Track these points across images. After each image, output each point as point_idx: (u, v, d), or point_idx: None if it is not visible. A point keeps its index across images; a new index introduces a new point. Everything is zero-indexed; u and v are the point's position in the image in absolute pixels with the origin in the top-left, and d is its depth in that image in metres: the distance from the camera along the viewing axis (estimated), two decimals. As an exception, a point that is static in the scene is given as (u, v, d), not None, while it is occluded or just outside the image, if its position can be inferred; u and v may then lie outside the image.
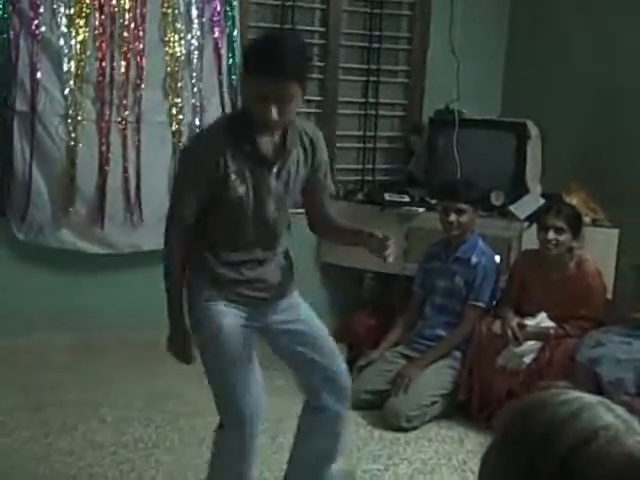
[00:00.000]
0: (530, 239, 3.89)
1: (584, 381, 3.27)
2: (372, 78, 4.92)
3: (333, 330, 4.82)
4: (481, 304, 3.77)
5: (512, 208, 4.31)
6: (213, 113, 4.43)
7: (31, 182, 4.13)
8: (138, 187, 4.33)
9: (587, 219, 3.96)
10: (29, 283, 4.29)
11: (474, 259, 3.79)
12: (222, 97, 4.46)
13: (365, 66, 4.91)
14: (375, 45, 4.88)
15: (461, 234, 3.80)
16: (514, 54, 5.04)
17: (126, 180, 4.31)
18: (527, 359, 3.51)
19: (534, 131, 4.50)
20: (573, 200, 4.06)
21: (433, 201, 4.52)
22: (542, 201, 4.25)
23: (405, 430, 3.56)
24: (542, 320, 3.58)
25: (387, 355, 3.99)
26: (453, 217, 3.75)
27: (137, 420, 3.54)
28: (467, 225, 3.78)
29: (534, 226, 3.86)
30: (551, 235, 3.58)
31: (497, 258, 3.93)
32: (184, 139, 4.38)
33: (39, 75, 4.04)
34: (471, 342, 3.71)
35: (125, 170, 4.30)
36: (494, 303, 3.87)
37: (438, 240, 3.91)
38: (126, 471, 3.10)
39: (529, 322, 3.56)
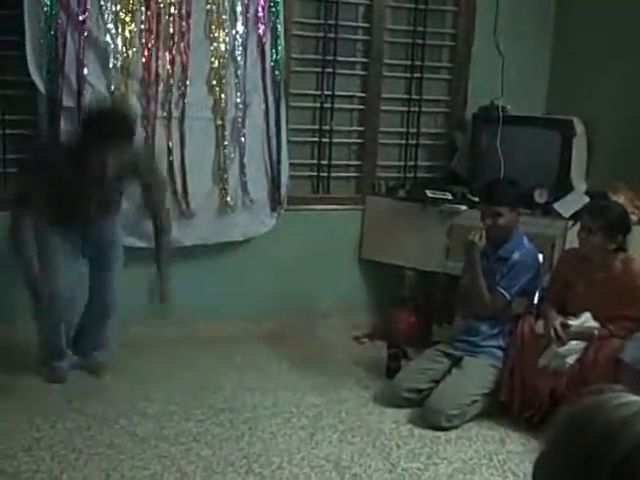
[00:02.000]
0: (574, 237, 3.83)
1: (630, 382, 3.21)
2: (416, 74, 4.90)
3: (373, 327, 4.86)
4: (506, 293, 3.74)
5: (556, 206, 4.26)
6: (256, 108, 4.46)
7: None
8: (184, 182, 4.36)
9: (634, 217, 3.88)
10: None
11: (515, 256, 3.76)
12: (265, 93, 4.47)
13: (409, 62, 4.88)
14: (419, 41, 4.85)
15: (501, 234, 3.77)
16: (560, 50, 4.96)
17: (171, 175, 4.34)
18: (570, 359, 3.45)
19: (580, 128, 4.44)
20: (620, 199, 3.99)
21: (475, 199, 4.49)
22: (587, 199, 4.19)
23: (445, 429, 3.54)
24: (586, 320, 3.52)
25: (428, 353, 3.97)
26: (488, 220, 3.73)
27: (177, 414, 3.57)
28: (505, 226, 3.74)
29: (578, 224, 3.81)
30: (582, 235, 3.55)
31: (540, 256, 3.88)
32: (227, 134, 4.41)
33: (85, 71, 4.08)
34: (513, 341, 3.67)
35: (170, 165, 4.33)
36: (534, 301, 3.83)
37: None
38: (167, 465, 3.13)
39: (573, 322, 3.50)
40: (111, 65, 4.12)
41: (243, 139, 4.47)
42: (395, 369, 4.09)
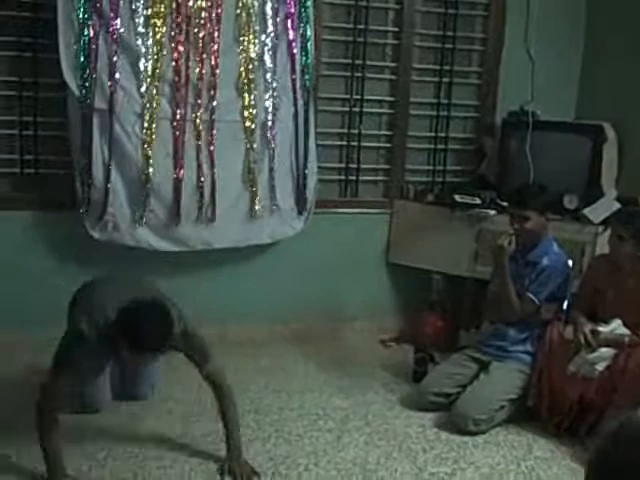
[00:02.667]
0: (604, 244, 3.81)
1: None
2: (445, 79, 4.89)
3: (400, 330, 4.85)
4: (535, 299, 3.71)
5: (586, 212, 4.24)
6: (285, 112, 4.48)
7: (109, 180, 4.21)
8: (212, 185, 4.39)
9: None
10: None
11: (544, 262, 3.73)
12: (294, 96, 4.49)
13: (438, 67, 4.88)
14: (449, 46, 4.85)
15: (530, 239, 3.75)
16: (591, 54, 4.94)
17: (200, 178, 4.37)
18: (600, 367, 3.42)
19: (610, 134, 4.42)
20: (650, 205, 3.96)
21: (504, 203, 4.47)
22: (617, 205, 4.16)
23: (473, 434, 3.53)
24: (617, 327, 3.49)
25: (455, 357, 3.96)
26: (516, 225, 3.72)
27: (204, 415, 3.58)
28: (534, 231, 3.72)
29: (609, 230, 3.78)
30: (613, 241, 3.53)
31: (570, 262, 3.86)
32: (257, 137, 4.43)
33: (117, 74, 4.12)
34: (542, 347, 3.65)
35: (199, 168, 4.36)
36: (564, 307, 3.80)
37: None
38: (193, 465, 3.15)
39: (603, 329, 3.47)
40: (142, 68, 4.16)
41: (272, 143, 4.49)
42: (422, 373, 4.09)
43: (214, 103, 4.31)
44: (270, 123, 4.46)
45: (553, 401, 3.57)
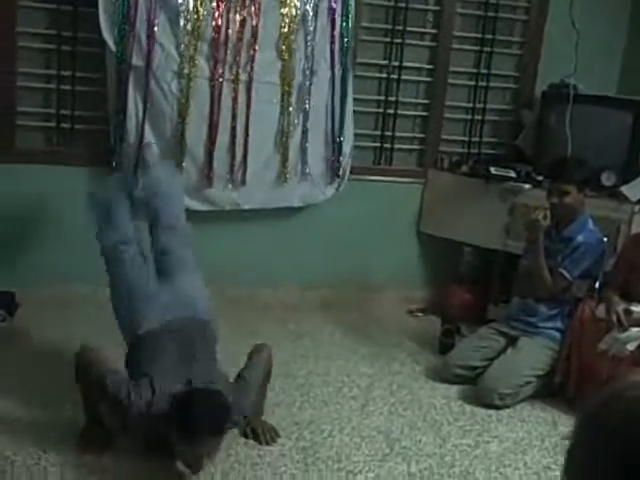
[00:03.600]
0: (641, 222, 3.76)
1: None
2: (486, 48, 4.81)
3: (427, 301, 4.84)
4: (567, 275, 3.67)
5: (623, 189, 4.18)
6: (323, 76, 4.44)
7: (143, 137, 4.20)
8: (245, 147, 4.37)
9: None
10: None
11: (579, 239, 3.68)
12: (332, 60, 4.44)
13: (479, 35, 4.79)
14: (491, 14, 4.76)
15: (567, 215, 3.70)
16: (636, 29, 4.83)
17: (233, 139, 4.35)
18: (631, 346, 3.39)
19: (653, 110, 4.32)
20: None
21: (540, 177, 4.42)
22: (657, 183, 4.10)
23: (497, 408, 3.52)
24: (650, 307, 3.46)
25: (483, 331, 3.94)
26: (555, 198, 3.66)
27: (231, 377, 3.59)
28: (571, 206, 3.67)
29: (646, 209, 3.73)
30: None
31: (604, 240, 3.81)
32: (293, 100, 4.40)
33: (156, 31, 4.10)
34: (572, 324, 3.62)
35: (233, 129, 4.34)
36: (596, 285, 3.76)
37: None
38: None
39: (636, 308, 3.44)
40: (181, 26, 4.13)
41: (307, 106, 4.45)
42: (448, 345, 4.08)
43: (253, 63, 4.27)
44: (307, 86, 4.42)
45: (581, 379, 3.55)
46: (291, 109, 4.42)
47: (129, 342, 3.08)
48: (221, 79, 4.25)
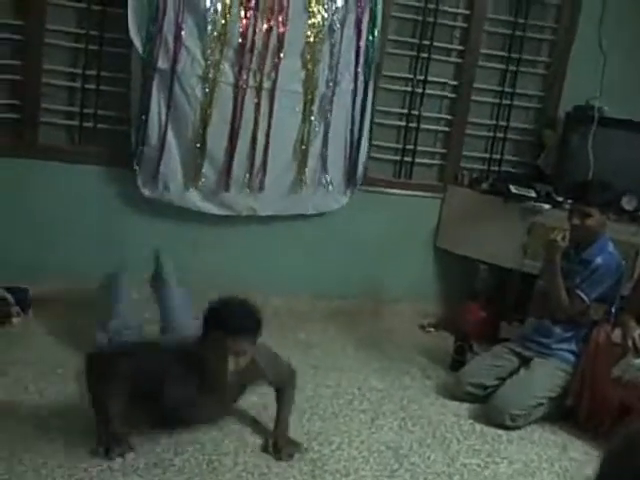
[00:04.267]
0: (660, 248, 3.73)
1: None
2: (511, 67, 4.80)
3: (441, 317, 4.82)
4: (585, 297, 3.64)
5: (644, 214, 4.15)
6: (345, 87, 4.44)
7: (165, 140, 4.21)
8: (265, 153, 4.37)
9: None
10: (147, 236, 4.40)
11: (598, 261, 3.65)
12: (356, 72, 4.44)
13: (505, 54, 4.78)
14: (519, 33, 4.75)
15: (588, 237, 3.67)
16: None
17: (254, 145, 4.35)
18: (645, 373, 3.36)
19: (677, 136, 4.30)
20: None
21: (560, 198, 4.40)
22: (678, 210, 4.07)
23: (508, 428, 3.49)
24: (667, 334, 3.42)
25: (496, 350, 3.91)
26: (577, 220, 3.63)
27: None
28: (593, 228, 3.64)
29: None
30: None
31: (622, 263, 3.77)
32: (315, 110, 4.40)
33: (183, 35, 4.11)
34: (587, 348, 3.59)
35: (254, 136, 4.34)
36: (613, 309, 3.73)
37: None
38: (227, 433, 3.15)
39: (652, 334, 3.41)
40: (208, 31, 4.14)
41: (329, 116, 4.45)
42: (460, 362, 4.05)
43: (277, 71, 4.27)
44: (329, 97, 4.42)
45: (593, 403, 3.51)
46: (312, 118, 4.42)
47: None
48: (245, 86, 4.26)
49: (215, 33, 4.15)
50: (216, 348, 2.78)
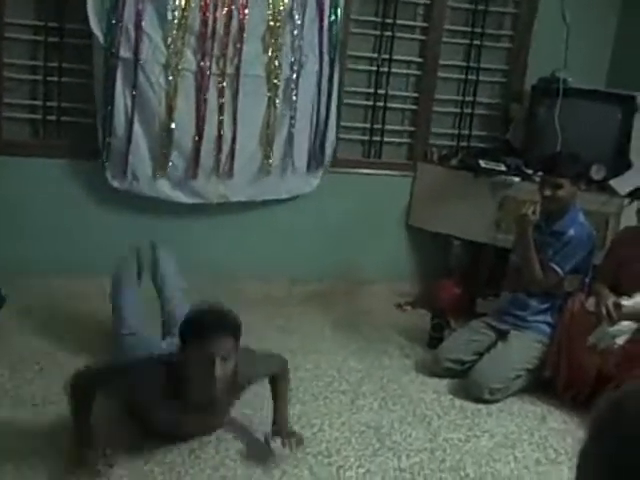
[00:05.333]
0: (630, 216, 3.75)
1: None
2: (475, 42, 4.79)
3: (416, 295, 4.83)
4: (558, 269, 3.66)
5: (613, 183, 4.18)
6: (310, 69, 4.41)
7: (132, 130, 4.17)
8: (233, 140, 4.35)
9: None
10: (116, 227, 4.39)
11: (570, 233, 3.67)
12: (321, 53, 4.41)
13: (469, 29, 4.77)
14: (481, 7, 4.74)
15: (559, 208, 3.69)
16: (627, 22, 4.81)
17: (220, 132, 4.32)
18: (620, 340, 3.38)
19: (642, 104, 4.32)
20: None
21: (530, 171, 4.41)
22: (645, 177, 4.09)
23: (487, 402, 3.51)
24: (640, 300, 3.45)
25: (473, 325, 3.93)
26: (548, 191, 3.64)
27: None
28: (565, 199, 3.66)
29: (635, 203, 3.72)
30: None
31: (594, 234, 3.80)
32: (280, 94, 4.37)
33: (144, 23, 4.06)
34: (562, 318, 3.61)
35: (220, 122, 4.31)
36: (586, 280, 3.76)
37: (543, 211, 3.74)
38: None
39: (625, 302, 3.42)
40: (169, 18, 4.09)
41: (295, 99, 4.43)
42: (438, 339, 4.07)
43: (240, 57, 4.24)
44: (294, 79, 4.39)
45: (571, 373, 3.54)
46: (278, 102, 4.40)
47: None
48: (208, 72, 4.22)
49: (176, 20, 4.10)
50: (198, 357, 2.60)
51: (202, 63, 4.20)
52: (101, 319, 3.78)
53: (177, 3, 4.08)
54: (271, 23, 4.26)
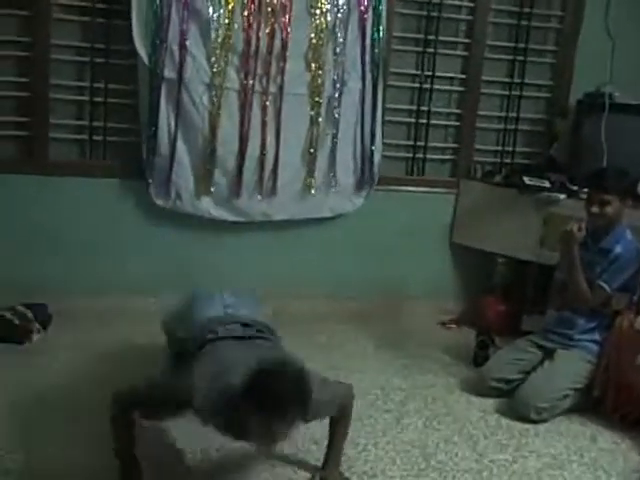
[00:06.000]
0: (678, 233, 3.68)
1: None
2: (519, 57, 4.76)
3: (460, 313, 4.79)
4: (607, 287, 3.59)
5: (661, 199, 4.10)
6: (353, 87, 4.42)
7: (175, 149, 4.22)
8: (276, 158, 4.36)
9: None
10: (162, 246, 4.44)
11: (618, 250, 3.61)
12: (364, 71, 4.42)
13: (512, 44, 4.75)
14: (524, 23, 4.71)
15: (606, 225, 3.63)
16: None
17: (263, 150, 4.34)
18: (670, 359, 3.32)
19: (690, 119, 4.25)
20: None
21: (575, 187, 4.36)
22: (694, 194, 4.02)
23: (534, 422, 3.45)
24: (690, 320, 3.38)
25: (519, 343, 3.88)
26: (596, 208, 3.58)
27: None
28: (612, 216, 3.60)
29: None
30: None
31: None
32: (322, 112, 4.38)
33: (188, 43, 4.11)
34: (610, 337, 3.55)
35: (263, 140, 4.33)
36: (634, 298, 3.68)
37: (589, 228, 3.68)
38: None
39: (676, 321, 3.36)
40: (212, 37, 4.14)
41: (337, 117, 4.44)
42: (483, 357, 4.02)
43: (283, 75, 4.26)
44: (337, 97, 4.40)
45: (620, 392, 3.48)
46: (320, 120, 4.41)
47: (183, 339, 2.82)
48: (251, 91, 4.25)
49: (219, 40, 4.15)
50: (258, 432, 2.27)
51: (245, 82, 4.23)
52: (145, 338, 3.80)
53: (220, 22, 4.12)
54: (314, 41, 4.28)
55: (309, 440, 3.09)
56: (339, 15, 4.30)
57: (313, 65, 4.33)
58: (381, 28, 4.38)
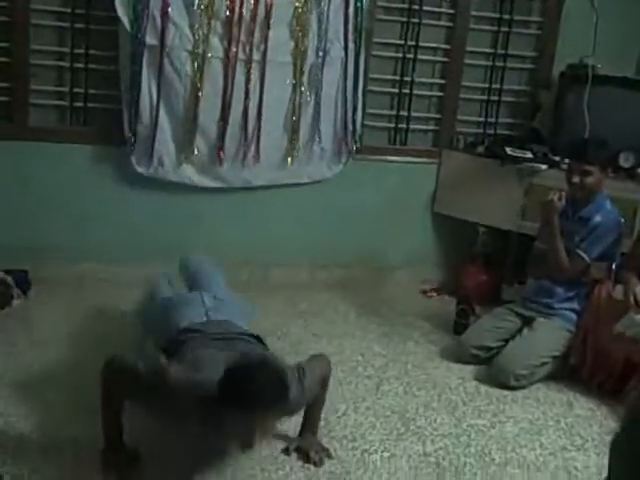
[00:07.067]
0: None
1: None
2: (503, 28, 4.75)
3: (442, 282, 4.82)
4: (585, 256, 3.63)
5: (641, 171, 4.13)
6: (336, 56, 4.41)
7: (157, 116, 4.19)
8: (257, 126, 4.35)
9: None
10: (142, 213, 4.44)
11: (597, 219, 3.64)
12: (346, 40, 4.40)
13: (497, 15, 4.73)
14: (508, -7, 4.71)
15: (586, 195, 3.66)
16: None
17: (246, 118, 4.33)
18: (647, 328, 3.36)
19: (672, 91, 4.27)
20: None
21: (557, 158, 4.38)
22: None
23: (512, 389, 3.50)
24: (669, 289, 3.41)
25: (499, 311, 3.92)
26: (577, 178, 3.61)
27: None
28: (592, 186, 3.63)
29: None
30: None
31: (622, 221, 3.76)
32: (305, 80, 4.37)
33: (170, 10, 4.07)
34: (588, 305, 3.59)
35: (246, 108, 4.32)
36: (614, 267, 3.72)
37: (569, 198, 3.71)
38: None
39: (654, 290, 3.40)
40: (195, 5, 4.10)
41: (320, 85, 4.43)
42: (463, 325, 4.06)
43: (266, 43, 4.24)
44: (319, 66, 4.39)
45: (597, 361, 3.53)
46: (303, 88, 4.39)
47: (166, 341, 2.84)
48: (235, 58, 4.22)
49: (202, 6, 4.11)
50: (237, 427, 2.29)
51: (228, 49, 4.20)
52: (126, 307, 3.80)
53: (203, -12, 4.09)
54: (297, 9, 4.26)
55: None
56: (322, -17, 4.28)
57: (297, 33, 4.30)
58: (365, -3, 4.36)
